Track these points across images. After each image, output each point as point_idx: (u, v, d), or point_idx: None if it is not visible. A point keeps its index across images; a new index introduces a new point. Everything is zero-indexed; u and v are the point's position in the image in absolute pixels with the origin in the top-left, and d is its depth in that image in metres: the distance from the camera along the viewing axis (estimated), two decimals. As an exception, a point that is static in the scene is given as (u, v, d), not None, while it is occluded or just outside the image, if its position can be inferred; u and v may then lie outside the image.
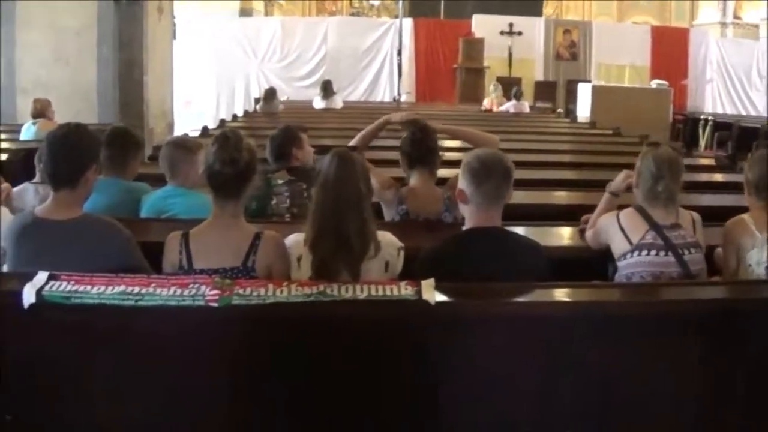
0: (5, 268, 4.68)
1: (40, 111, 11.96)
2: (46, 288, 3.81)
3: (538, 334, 4.01)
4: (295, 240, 4.50)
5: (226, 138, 4.44)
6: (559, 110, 22.60)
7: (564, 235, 6.01)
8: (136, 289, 3.80)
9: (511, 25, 25.90)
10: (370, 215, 4.44)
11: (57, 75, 13.63)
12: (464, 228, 4.76)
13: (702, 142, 21.75)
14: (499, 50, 25.62)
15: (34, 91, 13.05)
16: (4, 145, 10.72)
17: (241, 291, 3.81)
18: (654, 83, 23.46)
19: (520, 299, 4.22)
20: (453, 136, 7.05)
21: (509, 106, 19.65)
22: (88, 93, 13.69)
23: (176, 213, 5.92)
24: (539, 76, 26.65)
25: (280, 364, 3.93)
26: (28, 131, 11.78)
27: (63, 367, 3.93)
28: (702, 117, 23.01)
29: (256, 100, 20.47)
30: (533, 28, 26.66)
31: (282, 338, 3.93)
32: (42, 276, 3.88)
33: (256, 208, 5.98)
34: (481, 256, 4.54)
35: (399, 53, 23.32)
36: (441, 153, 6.15)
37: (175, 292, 3.80)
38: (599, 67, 26.74)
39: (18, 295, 3.78)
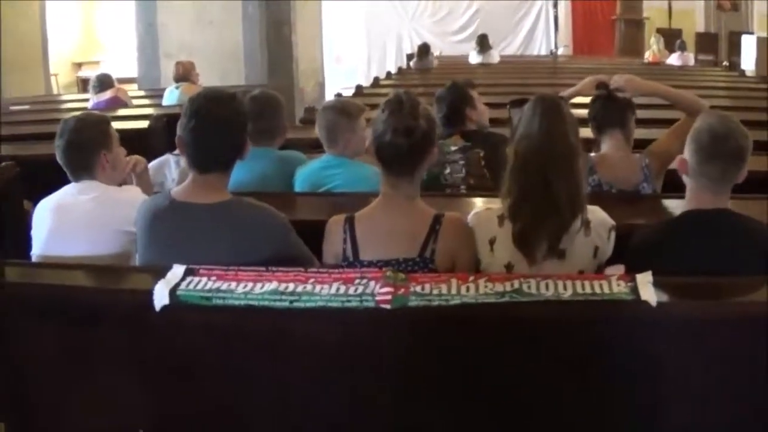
0: (137, 259, 4.10)
1: (183, 74, 11.58)
2: (182, 286, 3.24)
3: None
4: (485, 217, 3.84)
5: (399, 102, 3.73)
6: (725, 63, 21.60)
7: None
8: (291, 287, 3.20)
9: (671, -27, 25.01)
10: (583, 178, 3.78)
11: (201, 37, 13.50)
12: (685, 208, 3.94)
13: None
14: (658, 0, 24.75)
15: (179, 54, 12.89)
16: (146, 111, 10.38)
17: (418, 289, 3.18)
18: (821, 36, 22.25)
19: (753, 298, 3.36)
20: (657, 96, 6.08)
21: (674, 58, 18.83)
22: (235, 54, 13.62)
23: (337, 185, 5.37)
24: (700, 28, 25.52)
25: (466, 377, 3.26)
26: (170, 96, 11.42)
27: (200, 377, 3.39)
28: None
29: (409, 57, 20.23)
30: (693, -23, 25.66)
31: (469, 346, 3.24)
32: (178, 271, 3.33)
33: (428, 178, 5.14)
34: (704, 245, 3.73)
35: (555, 5, 22.84)
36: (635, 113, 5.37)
37: (338, 290, 3.19)
38: (762, 18, 25.52)
39: (149, 294, 3.23)
